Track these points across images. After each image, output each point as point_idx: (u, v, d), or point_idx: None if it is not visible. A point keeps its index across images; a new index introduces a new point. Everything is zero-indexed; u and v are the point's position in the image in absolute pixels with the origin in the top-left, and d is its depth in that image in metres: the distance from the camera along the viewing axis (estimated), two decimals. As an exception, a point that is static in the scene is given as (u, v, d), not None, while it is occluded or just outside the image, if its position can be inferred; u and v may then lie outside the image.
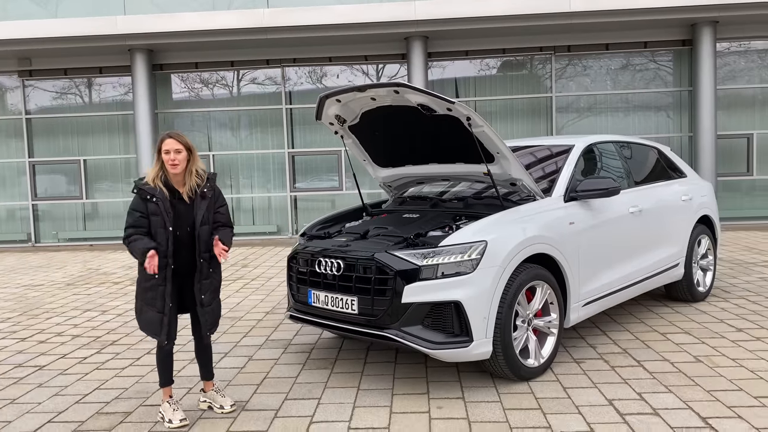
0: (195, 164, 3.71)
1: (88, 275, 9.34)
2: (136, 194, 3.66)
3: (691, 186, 6.39)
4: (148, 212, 3.62)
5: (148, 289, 3.65)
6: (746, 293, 6.58)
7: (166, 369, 3.82)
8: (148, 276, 3.61)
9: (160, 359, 3.80)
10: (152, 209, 3.61)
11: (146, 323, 3.71)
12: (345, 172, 12.78)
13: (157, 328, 3.67)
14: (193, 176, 3.70)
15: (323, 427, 3.69)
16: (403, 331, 3.99)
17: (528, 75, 12.92)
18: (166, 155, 3.63)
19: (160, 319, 3.66)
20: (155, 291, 3.64)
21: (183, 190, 3.71)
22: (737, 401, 3.83)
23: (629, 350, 4.87)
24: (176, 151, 3.62)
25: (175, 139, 3.63)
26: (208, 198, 3.76)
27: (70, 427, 3.83)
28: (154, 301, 3.65)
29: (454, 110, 4.24)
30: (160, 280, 3.62)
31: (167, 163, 3.63)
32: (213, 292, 3.84)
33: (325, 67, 12.98)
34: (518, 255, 4.18)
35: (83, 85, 13.36)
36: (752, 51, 12.43)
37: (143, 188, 3.64)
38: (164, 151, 3.63)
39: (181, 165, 3.64)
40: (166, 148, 3.63)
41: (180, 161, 3.63)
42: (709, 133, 11.78)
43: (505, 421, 3.67)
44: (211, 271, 3.80)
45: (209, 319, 3.82)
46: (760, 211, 12.40)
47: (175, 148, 3.62)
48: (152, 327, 3.69)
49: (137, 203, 3.65)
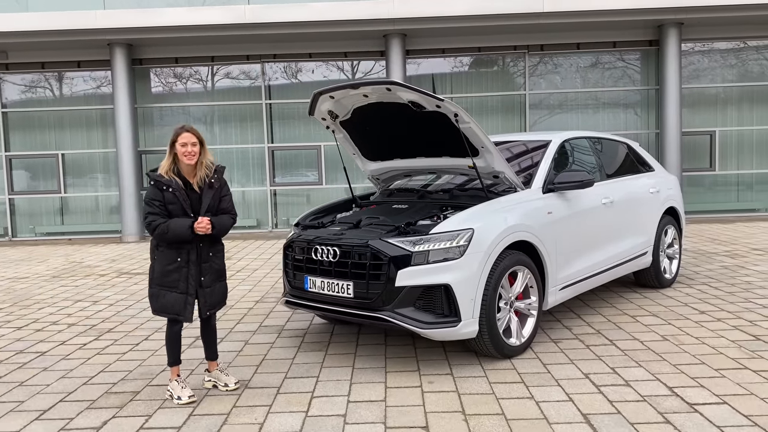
0: (205, 156, 3.97)
1: (72, 268, 9.44)
2: (153, 185, 3.88)
3: (658, 179, 6.81)
4: (165, 201, 3.86)
5: (171, 272, 3.89)
6: (708, 280, 7.04)
7: (176, 349, 4.07)
8: (170, 259, 3.87)
9: (171, 339, 4.05)
10: (169, 198, 3.85)
11: (166, 305, 3.93)
12: (325, 167, 13.01)
13: (180, 307, 3.92)
14: (203, 167, 3.96)
15: (324, 401, 3.97)
16: (397, 312, 4.29)
17: (502, 73, 13.31)
18: (182, 147, 3.87)
19: (184, 299, 3.92)
20: (179, 273, 3.90)
21: (194, 180, 3.96)
22: (699, 373, 4.22)
23: (602, 331, 5.25)
24: (193, 144, 3.88)
25: (191, 133, 3.90)
26: (215, 188, 4.02)
27: (83, 405, 4.04)
28: (178, 282, 3.90)
29: (443, 107, 4.55)
30: (184, 263, 3.89)
31: (184, 155, 3.87)
32: (213, 274, 4.09)
33: (305, 63, 13.19)
34: (502, 242, 4.50)
35: (61, 79, 13.34)
36: (715, 51, 13.01)
37: (160, 179, 3.88)
38: (181, 143, 3.88)
39: (196, 157, 3.90)
40: (183, 141, 3.87)
41: (195, 153, 3.89)
42: (674, 130, 12.32)
43: (491, 393, 4.00)
44: (210, 255, 4.06)
45: (208, 300, 4.07)
46: (721, 205, 13.00)
47: (192, 141, 3.88)
48: (174, 307, 3.93)
49: (155, 193, 3.87)
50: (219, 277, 4.14)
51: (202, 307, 4.08)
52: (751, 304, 5.91)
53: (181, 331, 4.08)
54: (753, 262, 7.98)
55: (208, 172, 3.99)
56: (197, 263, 3.99)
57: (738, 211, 12.94)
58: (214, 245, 4.08)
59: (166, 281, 3.92)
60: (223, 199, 4.08)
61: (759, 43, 12.90)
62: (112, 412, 3.91)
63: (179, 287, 3.92)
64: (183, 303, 3.93)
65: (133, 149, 12.59)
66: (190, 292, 3.94)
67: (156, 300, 3.97)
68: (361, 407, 3.85)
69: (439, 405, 3.84)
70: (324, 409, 3.84)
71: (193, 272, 3.95)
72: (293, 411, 3.83)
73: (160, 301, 3.95)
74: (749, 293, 6.34)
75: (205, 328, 4.22)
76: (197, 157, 3.92)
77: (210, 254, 4.06)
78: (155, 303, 3.99)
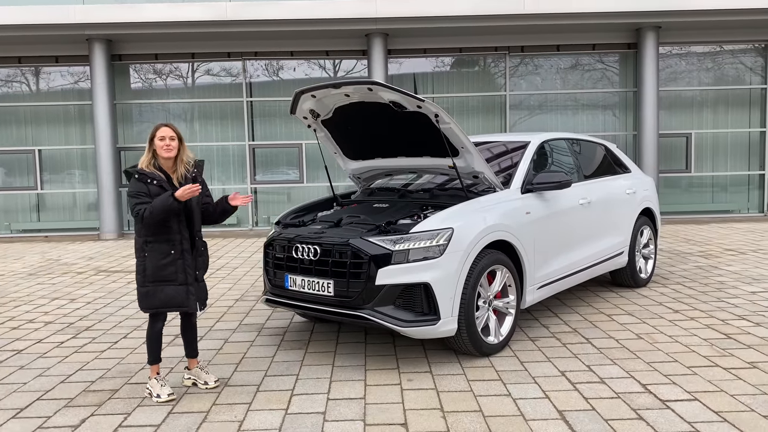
0: (184, 153, 4.01)
1: (48, 266, 9.33)
2: (137, 179, 3.89)
3: (634, 180, 6.92)
4: (150, 194, 3.87)
5: (167, 265, 3.90)
6: (683, 280, 7.18)
7: (157, 347, 4.06)
8: (164, 253, 3.87)
9: (153, 337, 4.05)
10: (154, 191, 3.87)
11: (166, 299, 3.92)
12: (306, 165, 13.00)
13: (183, 299, 3.94)
14: (183, 163, 4.00)
15: (304, 398, 4.00)
16: (376, 311, 4.32)
17: (483, 73, 13.41)
18: (161, 141, 3.90)
19: (185, 290, 3.94)
20: (175, 265, 3.91)
21: (174, 176, 3.99)
22: (672, 371, 4.31)
23: (578, 329, 5.33)
24: (171, 138, 3.92)
25: (170, 128, 3.95)
26: (198, 182, 4.05)
27: (61, 403, 4.02)
28: (176, 275, 3.91)
29: (423, 108, 4.60)
30: (178, 254, 3.92)
31: (162, 149, 3.90)
32: (205, 268, 4.14)
33: (287, 61, 13.16)
34: (481, 241, 4.56)
35: (38, 74, 13.16)
36: (692, 55, 13.23)
37: (144, 172, 3.90)
38: (159, 137, 3.91)
39: (174, 151, 3.93)
40: (162, 135, 3.91)
41: (174, 147, 3.93)
42: (651, 132, 12.51)
43: (469, 390, 4.05)
44: (203, 249, 4.12)
45: (203, 295, 4.10)
46: (697, 206, 13.24)
47: (170, 135, 3.92)
48: (176, 299, 3.93)
49: (140, 186, 3.87)
50: (205, 272, 4.19)
51: (199, 302, 4.10)
52: (724, 304, 6.05)
53: (162, 330, 4.08)
54: (726, 262, 8.15)
55: (187, 167, 4.03)
56: (192, 254, 4.01)
57: (713, 212, 13.18)
58: (202, 239, 4.13)
59: (163, 275, 3.91)
60: (207, 194, 4.17)
61: (734, 48, 13.15)
62: (90, 411, 3.89)
63: (178, 279, 3.93)
64: (185, 293, 3.95)
65: (112, 146, 12.47)
66: (189, 281, 3.96)
67: (153, 297, 3.93)
68: (340, 405, 3.88)
69: (417, 402, 3.88)
70: (304, 406, 3.87)
71: (190, 262, 3.97)
72: (273, 409, 3.85)
73: (159, 297, 3.92)
74: (722, 293, 6.48)
75: (185, 325, 4.22)
76: (176, 152, 3.95)
77: (203, 248, 4.12)
78: (153, 300, 3.93)
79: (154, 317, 4.04)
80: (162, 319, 4.06)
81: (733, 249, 9.15)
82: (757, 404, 3.73)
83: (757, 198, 13.31)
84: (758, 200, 13.30)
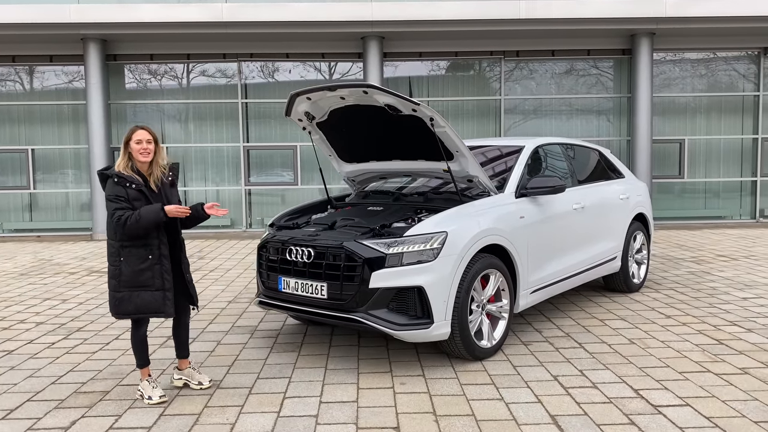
0: (160, 155, 4.00)
1: (40, 266, 9.28)
2: (115, 182, 3.84)
3: (628, 186, 6.95)
4: (129, 198, 3.83)
5: (144, 270, 3.84)
6: (675, 285, 7.20)
7: (143, 351, 4.04)
8: (141, 258, 3.84)
9: (137, 343, 4.02)
10: (133, 195, 3.84)
11: (142, 305, 3.86)
12: (300, 168, 12.98)
13: (159, 304, 3.88)
14: (158, 167, 3.99)
15: (296, 401, 3.99)
16: (370, 314, 4.32)
17: (478, 77, 13.44)
18: (137, 145, 3.88)
19: (161, 296, 3.89)
20: (152, 270, 3.86)
21: (150, 178, 3.97)
22: (664, 376, 4.33)
23: (571, 334, 5.34)
24: (148, 141, 3.90)
25: (146, 131, 3.93)
26: (176, 185, 4.08)
27: (51, 404, 4.00)
28: (153, 280, 3.86)
29: (418, 111, 4.60)
30: (155, 259, 3.86)
31: (138, 152, 3.88)
32: (188, 268, 4.17)
33: (282, 63, 13.15)
34: (475, 245, 4.56)
35: (32, 73, 13.10)
36: (686, 61, 13.30)
37: (122, 176, 3.85)
38: (135, 140, 3.88)
39: (151, 155, 3.92)
40: (138, 138, 3.89)
41: (150, 150, 3.91)
42: (645, 138, 12.56)
43: (462, 394, 4.05)
44: (182, 252, 4.14)
45: (193, 293, 4.15)
46: (690, 212, 13.29)
47: (147, 138, 3.90)
48: (152, 305, 3.87)
49: (118, 190, 3.82)
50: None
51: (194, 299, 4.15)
52: (716, 309, 6.07)
53: (146, 333, 4.07)
54: (718, 268, 8.19)
55: (163, 170, 4.03)
56: (170, 258, 3.98)
57: (705, 218, 13.23)
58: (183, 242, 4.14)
59: (139, 281, 3.85)
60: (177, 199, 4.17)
61: (728, 54, 13.23)
62: (81, 412, 3.87)
63: (154, 284, 3.87)
64: (162, 299, 3.89)
65: (106, 146, 12.41)
66: (167, 287, 3.91)
67: (128, 302, 3.87)
68: (333, 408, 3.87)
69: (410, 406, 3.88)
70: (296, 409, 3.86)
71: (167, 267, 3.92)
72: (265, 411, 3.84)
73: (134, 302, 3.86)
74: (714, 298, 6.51)
75: (177, 326, 4.22)
76: (152, 156, 3.93)
77: (182, 251, 4.11)
78: (127, 306, 3.88)
79: (136, 322, 4.00)
80: (145, 323, 4.04)
81: (726, 255, 9.20)
82: (749, 410, 3.74)
83: (749, 204, 13.38)
84: (750, 207, 13.37)
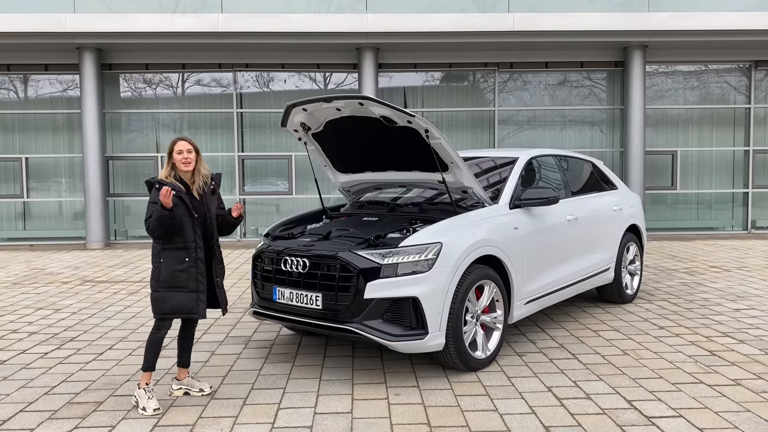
0: (201, 164, 4.15)
1: (33, 275, 9.24)
2: (156, 189, 3.96)
3: (621, 197, 7.00)
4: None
5: (181, 272, 4.01)
6: (668, 296, 7.24)
7: (155, 354, 4.10)
8: (179, 260, 3.98)
9: (153, 343, 4.10)
10: (173, 201, 3.93)
11: (177, 305, 4.02)
12: (295, 177, 13.00)
13: (193, 305, 4.05)
14: (200, 175, 4.14)
15: (290, 412, 3.98)
16: (365, 324, 4.33)
17: (472, 88, 13.51)
18: (179, 155, 4.04)
19: (195, 297, 4.05)
20: (188, 273, 4.02)
21: (193, 186, 4.11)
22: (657, 387, 4.35)
23: (565, 345, 5.36)
24: (188, 151, 4.06)
25: (187, 141, 4.10)
26: (217, 193, 4.23)
27: (44, 415, 3.98)
28: (188, 282, 4.02)
29: (414, 123, 4.63)
30: (192, 262, 4.02)
31: (180, 162, 4.05)
32: (222, 275, 4.31)
33: (278, 73, 13.19)
34: (469, 256, 4.59)
35: (27, 82, 13.09)
36: (678, 73, 13.42)
37: (164, 183, 3.97)
38: (177, 151, 4.05)
39: (192, 164, 4.07)
40: (179, 148, 4.05)
41: (192, 160, 4.06)
42: (638, 149, 12.64)
43: (456, 405, 4.06)
44: (220, 257, 4.30)
45: (226, 299, 4.30)
46: (682, 223, 13.37)
47: (187, 148, 4.07)
48: (186, 306, 4.04)
49: (156, 196, 3.93)
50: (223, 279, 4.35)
51: (222, 306, 4.29)
52: (708, 320, 6.11)
53: (164, 339, 4.15)
54: (711, 279, 8.24)
55: (205, 179, 4.17)
56: (205, 262, 4.12)
57: (698, 229, 13.31)
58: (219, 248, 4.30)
59: (176, 282, 4.01)
60: (221, 206, 4.33)
61: (719, 67, 13.35)
62: (74, 423, 3.85)
63: (189, 286, 4.03)
64: (195, 301, 4.05)
65: (100, 155, 12.40)
66: (200, 289, 4.07)
67: (164, 302, 4.02)
68: (327, 419, 3.87)
69: (405, 417, 3.88)
70: (290, 420, 3.85)
71: (203, 270, 4.08)
72: (259, 422, 3.83)
73: (169, 302, 4.02)
74: (706, 309, 6.55)
75: (184, 334, 4.30)
76: (194, 164, 4.08)
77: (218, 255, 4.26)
78: (164, 305, 4.03)
79: (159, 323, 4.11)
80: (166, 327, 4.13)
81: (718, 266, 9.25)
82: (741, 421, 3.76)
83: (741, 215, 13.47)
84: (742, 218, 13.46)
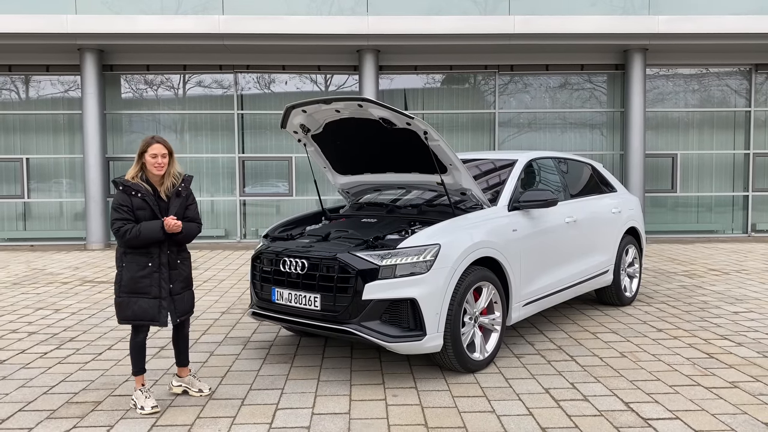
0: (173, 166, 4.04)
1: (33, 275, 9.25)
2: (121, 191, 3.91)
3: (620, 200, 7.00)
4: (133, 207, 3.90)
5: (143, 278, 3.92)
6: (667, 299, 7.25)
7: (140, 358, 4.06)
8: (141, 265, 3.90)
9: (136, 348, 4.05)
10: (138, 204, 3.89)
11: (139, 312, 3.94)
12: (295, 179, 13.02)
13: (155, 312, 3.94)
14: (170, 177, 4.03)
15: (288, 413, 3.99)
16: (363, 325, 4.34)
17: (473, 91, 13.53)
18: (152, 159, 3.93)
19: (157, 304, 3.95)
20: (151, 278, 3.93)
21: (161, 189, 4.02)
22: (655, 389, 4.35)
23: (563, 347, 5.37)
24: (162, 156, 3.95)
25: (162, 144, 3.97)
26: (182, 196, 4.09)
27: (43, 415, 3.99)
28: (150, 288, 3.93)
29: (412, 125, 4.65)
30: (155, 267, 3.93)
31: (153, 166, 3.94)
32: (182, 282, 4.13)
33: (278, 75, 13.21)
34: (467, 258, 4.60)
35: (28, 83, 13.12)
36: (678, 76, 13.44)
37: (128, 185, 3.92)
38: (151, 154, 3.93)
39: (164, 168, 3.97)
40: (154, 152, 3.93)
41: (165, 164, 3.97)
42: (638, 152, 12.65)
43: (454, 406, 4.07)
44: (179, 263, 4.11)
45: (178, 308, 4.09)
46: (682, 226, 13.38)
47: (162, 152, 3.95)
48: (148, 313, 3.94)
49: (123, 198, 3.90)
50: (187, 285, 4.19)
51: (171, 315, 4.08)
52: (706, 323, 6.11)
53: (145, 341, 4.09)
54: (710, 282, 8.24)
55: (175, 181, 4.06)
56: (168, 268, 4.02)
57: (697, 232, 13.32)
58: (181, 252, 4.14)
59: (138, 287, 3.93)
60: (189, 207, 4.15)
61: (720, 70, 13.37)
62: (72, 422, 3.87)
63: (151, 292, 3.95)
64: (157, 308, 3.96)
65: (101, 155, 12.42)
66: (163, 296, 3.98)
67: (126, 308, 3.95)
68: (325, 419, 3.88)
69: (402, 418, 3.89)
70: (288, 421, 3.86)
71: (165, 276, 3.99)
72: (257, 422, 3.84)
73: (131, 309, 3.94)
74: (705, 312, 6.55)
75: (177, 335, 4.28)
76: (166, 168, 3.98)
77: (178, 261, 4.11)
78: (126, 311, 3.96)
79: (136, 328, 4.04)
80: (144, 330, 4.07)
81: (717, 269, 9.25)
82: (737, 424, 3.77)
83: (741, 219, 13.48)
84: (742, 221, 13.47)
